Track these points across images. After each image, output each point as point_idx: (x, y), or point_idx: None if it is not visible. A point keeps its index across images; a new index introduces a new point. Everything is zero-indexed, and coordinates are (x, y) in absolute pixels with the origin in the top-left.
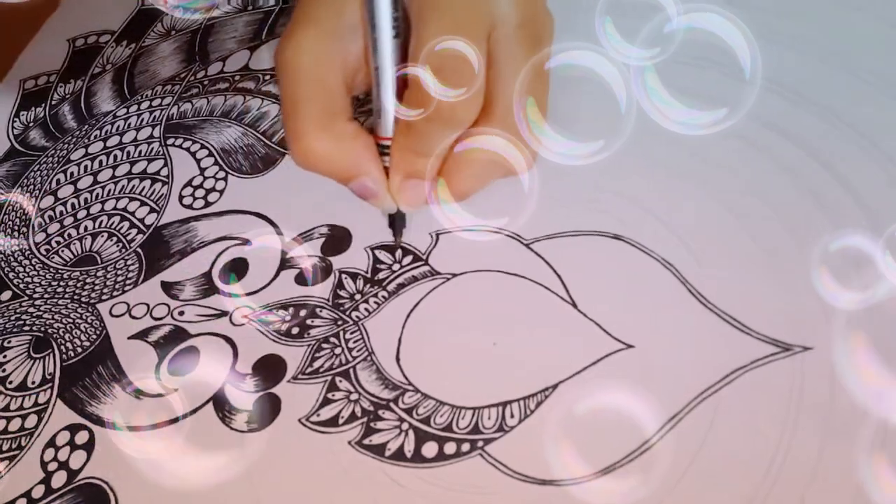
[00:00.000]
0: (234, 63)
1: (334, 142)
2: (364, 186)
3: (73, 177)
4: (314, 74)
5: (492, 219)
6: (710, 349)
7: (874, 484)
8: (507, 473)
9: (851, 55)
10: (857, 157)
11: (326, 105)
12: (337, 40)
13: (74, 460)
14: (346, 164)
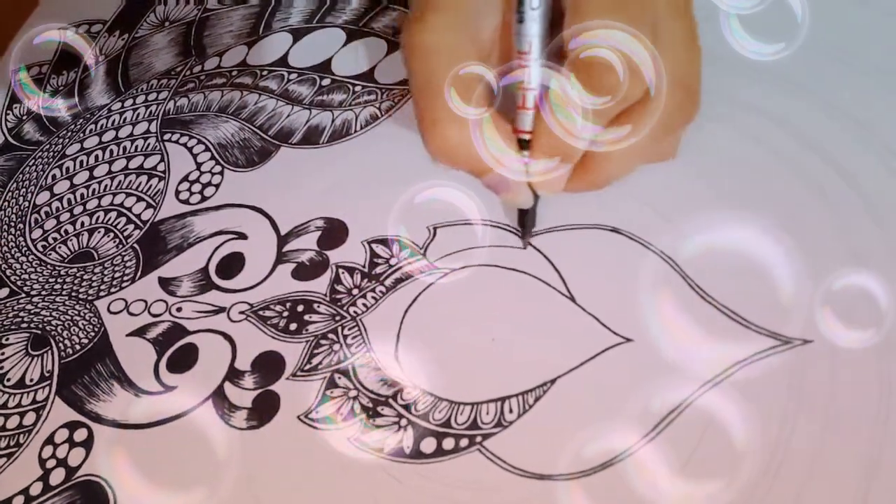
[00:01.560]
0: (231, 58)
1: (470, 130)
2: (500, 178)
3: (69, 172)
4: (448, 57)
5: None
6: (709, 343)
7: (874, 477)
8: (505, 468)
9: (852, 47)
10: (858, 150)
11: (461, 91)
12: (470, 18)
13: (73, 457)
14: (482, 155)
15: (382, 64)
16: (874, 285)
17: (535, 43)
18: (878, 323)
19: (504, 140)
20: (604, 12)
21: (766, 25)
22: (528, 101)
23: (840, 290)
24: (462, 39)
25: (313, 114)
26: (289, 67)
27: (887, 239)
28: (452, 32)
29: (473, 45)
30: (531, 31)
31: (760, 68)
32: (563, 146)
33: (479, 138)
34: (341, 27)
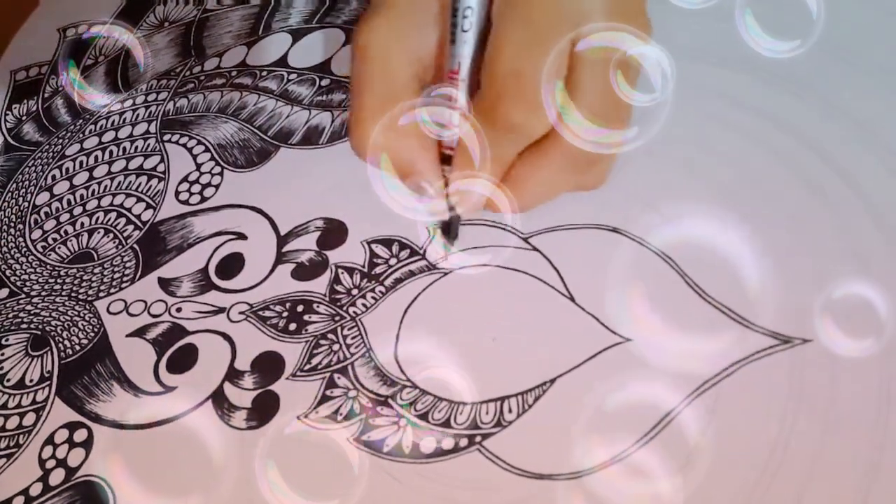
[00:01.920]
0: (231, 58)
1: (398, 136)
2: (418, 186)
3: (69, 172)
4: (384, 61)
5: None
6: (708, 342)
7: (874, 476)
8: (505, 468)
9: (852, 46)
10: (859, 150)
11: (392, 95)
12: (411, 29)
13: (73, 458)
14: (402, 158)
15: None
16: (875, 293)
17: (464, 63)
18: (878, 332)
19: (428, 153)
20: (510, 41)
21: (782, 23)
22: (453, 120)
23: (841, 297)
24: (400, 47)
25: (313, 114)
26: (288, 68)
27: (887, 239)
28: (392, 39)
29: (412, 54)
30: (461, 51)
31: (761, 68)
32: (482, 168)
33: (400, 143)
34: (341, 27)
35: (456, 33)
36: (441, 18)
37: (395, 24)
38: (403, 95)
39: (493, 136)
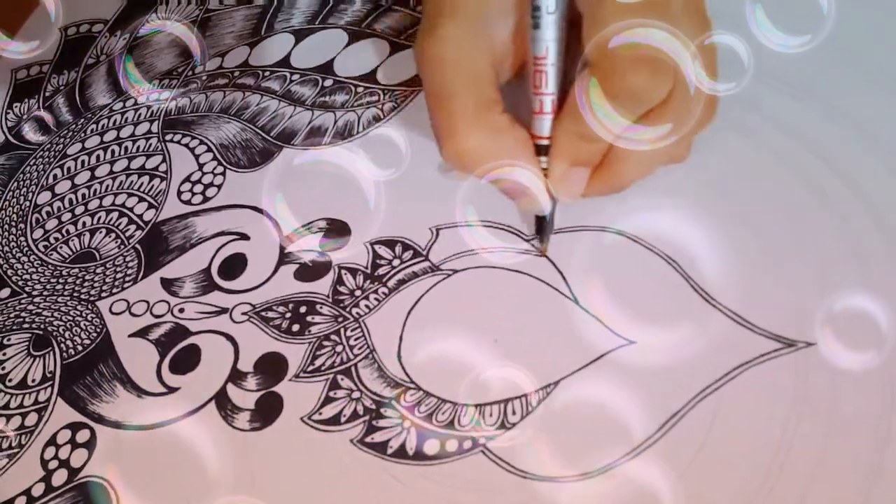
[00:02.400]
0: (234, 59)
1: (490, 136)
2: (518, 184)
3: (70, 172)
4: (463, 66)
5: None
6: (712, 345)
7: (877, 479)
8: (508, 470)
9: (852, 48)
10: (859, 152)
11: (479, 97)
12: (483, 26)
13: (75, 458)
14: (500, 160)
15: (385, 65)
16: (876, 301)
17: (552, 47)
18: (878, 344)
19: (526, 148)
20: (622, 15)
21: (791, 18)
22: (545, 106)
23: (842, 308)
24: (475, 48)
25: (315, 115)
26: (291, 68)
27: (887, 239)
28: (465, 41)
29: (487, 52)
30: (547, 35)
31: (762, 71)
32: (582, 150)
33: (499, 144)
34: (343, 28)
35: (540, 16)
36: (518, 3)
37: (467, 23)
38: (489, 94)
39: (610, 108)
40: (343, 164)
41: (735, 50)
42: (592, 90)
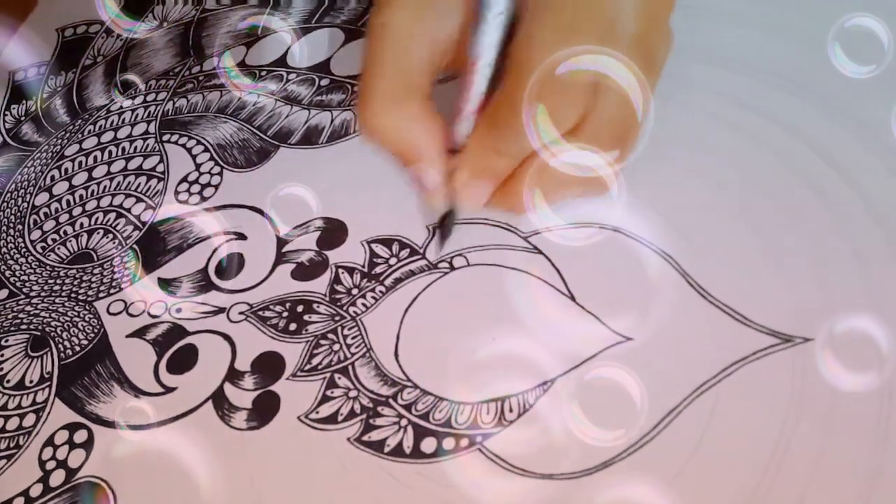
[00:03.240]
0: (230, 58)
1: (402, 118)
2: (420, 174)
3: (68, 173)
4: (399, 44)
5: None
6: (709, 341)
7: (877, 476)
8: (505, 468)
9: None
10: (857, 148)
11: (404, 78)
12: (431, 10)
13: (73, 459)
14: (407, 144)
15: None
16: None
17: (486, 52)
18: (878, 343)
19: (435, 140)
20: (550, 32)
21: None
22: (469, 107)
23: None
24: (418, 30)
25: (312, 114)
26: (287, 68)
27: (888, 239)
28: (412, 19)
29: (429, 38)
30: (485, 39)
31: (762, 69)
32: (490, 163)
33: (407, 128)
34: (340, 27)
35: (482, 21)
36: (465, 4)
37: (418, 6)
38: (417, 78)
39: (513, 132)
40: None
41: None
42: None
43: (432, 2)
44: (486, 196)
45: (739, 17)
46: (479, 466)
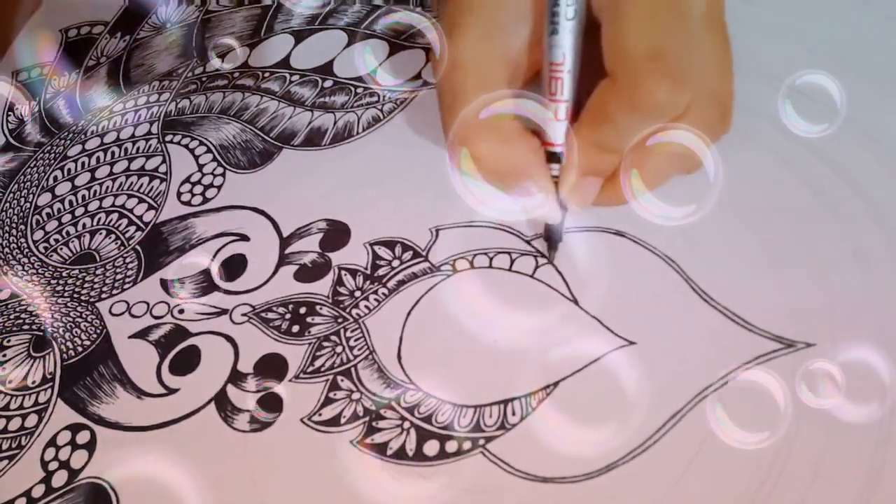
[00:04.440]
0: (233, 60)
1: (498, 143)
2: (528, 190)
3: (71, 173)
4: (477, 71)
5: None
6: (712, 346)
7: (878, 480)
8: (508, 471)
9: (854, 49)
10: (859, 152)
11: (490, 103)
12: (500, 30)
13: (75, 460)
14: (510, 166)
15: (385, 65)
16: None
17: (569, 54)
18: (878, 345)
19: (536, 154)
20: (643, 22)
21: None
22: (559, 113)
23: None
24: (490, 53)
25: (315, 115)
26: (291, 69)
27: (888, 239)
28: (481, 46)
29: (501, 58)
30: (564, 42)
31: (761, 71)
32: (597, 160)
33: (508, 150)
34: (343, 29)
35: (558, 22)
36: (534, 10)
37: (483, 30)
38: (500, 102)
39: (629, 120)
40: None
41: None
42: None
43: (499, 20)
44: (595, 194)
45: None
46: (481, 470)
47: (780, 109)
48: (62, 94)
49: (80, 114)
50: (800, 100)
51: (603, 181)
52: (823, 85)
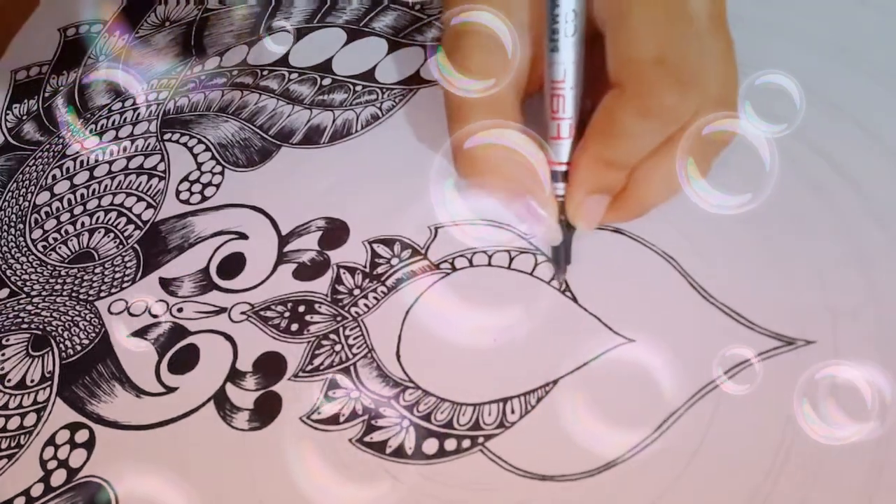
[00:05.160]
0: (232, 58)
1: (500, 157)
2: (530, 207)
3: (69, 172)
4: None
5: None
6: (711, 343)
7: (879, 478)
8: (507, 469)
9: (854, 47)
10: (860, 151)
11: (497, 116)
12: (503, 53)
13: (74, 459)
14: (512, 181)
15: (383, 63)
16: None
17: (570, 71)
18: (879, 344)
19: (538, 172)
20: (649, 29)
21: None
22: (563, 131)
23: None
24: (495, 63)
25: (314, 113)
26: (289, 67)
27: (888, 239)
28: (489, 58)
29: (506, 69)
30: (565, 59)
31: (760, 70)
32: (605, 176)
33: (511, 163)
34: (342, 27)
35: (558, 39)
36: (533, 26)
37: (489, 43)
38: (508, 115)
39: (639, 129)
40: None
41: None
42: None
43: (500, 42)
44: (602, 213)
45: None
46: (481, 468)
47: (741, 109)
48: (61, 92)
49: (78, 113)
50: (759, 100)
51: (611, 197)
52: (783, 85)
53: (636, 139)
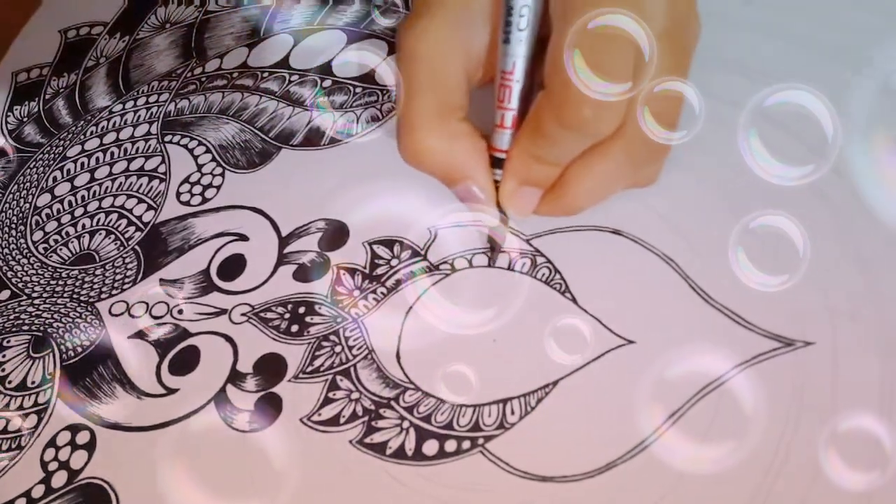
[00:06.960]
0: (232, 60)
1: (446, 139)
2: (469, 191)
3: (70, 174)
4: (434, 64)
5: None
6: (711, 344)
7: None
8: (507, 470)
9: (852, 47)
10: (860, 151)
11: (444, 98)
12: (462, 29)
13: (75, 460)
14: (453, 164)
15: (383, 65)
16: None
17: (519, 64)
18: (878, 344)
19: (481, 157)
20: (586, 40)
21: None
22: (506, 121)
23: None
24: (451, 45)
25: (314, 115)
26: (290, 69)
27: (888, 240)
28: (442, 36)
29: (461, 55)
30: (516, 51)
31: (759, 70)
32: (535, 171)
33: (453, 148)
34: (342, 29)
35: (511, 32)
36: (494, 15)
37: (446, 23)
38: (456, 98)
39: (560, 136)
40: None
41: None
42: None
43: (460, 17)
44: (534, 204)
45: (747, 22)
46: (481, 469)
47: (639, 117)
48: (62, 94)
49: (79, 114)
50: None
51: (543, 191)
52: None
53: (559, 144)
